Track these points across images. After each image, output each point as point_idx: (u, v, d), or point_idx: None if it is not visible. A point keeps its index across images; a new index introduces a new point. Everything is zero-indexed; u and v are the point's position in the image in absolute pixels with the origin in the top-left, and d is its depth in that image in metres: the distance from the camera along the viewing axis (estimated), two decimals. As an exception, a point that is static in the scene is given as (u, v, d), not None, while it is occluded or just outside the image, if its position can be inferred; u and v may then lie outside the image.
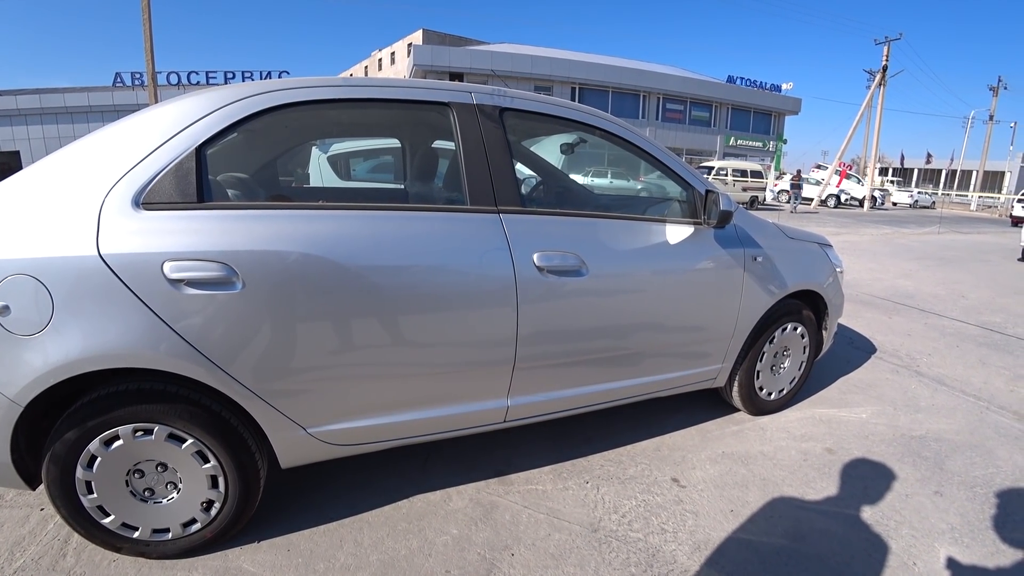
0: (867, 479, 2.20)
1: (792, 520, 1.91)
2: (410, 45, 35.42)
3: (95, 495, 1.51)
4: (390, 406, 1.72)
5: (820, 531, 1.86)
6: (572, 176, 3.37)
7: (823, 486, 2.13)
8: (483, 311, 1.72)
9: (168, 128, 1.48)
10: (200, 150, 1.46)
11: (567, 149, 3.02)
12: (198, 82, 30.27)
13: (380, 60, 47.04)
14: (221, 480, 1.57)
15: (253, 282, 1.42)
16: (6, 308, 1.30)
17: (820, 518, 1.93)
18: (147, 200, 1.39)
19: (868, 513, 1.97)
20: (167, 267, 1.35)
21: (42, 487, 1.54)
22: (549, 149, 3.06)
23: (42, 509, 1.96)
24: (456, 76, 28.19)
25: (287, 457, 1.66)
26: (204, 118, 1.50)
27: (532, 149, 2.75)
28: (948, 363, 3.66)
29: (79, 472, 1.48)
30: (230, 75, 30.62)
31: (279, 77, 30.41)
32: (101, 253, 1.32)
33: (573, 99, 31.63)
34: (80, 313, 1.33)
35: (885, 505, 2.02)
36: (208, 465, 1.54)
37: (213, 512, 1.60)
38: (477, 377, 1.81)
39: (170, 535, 1.60)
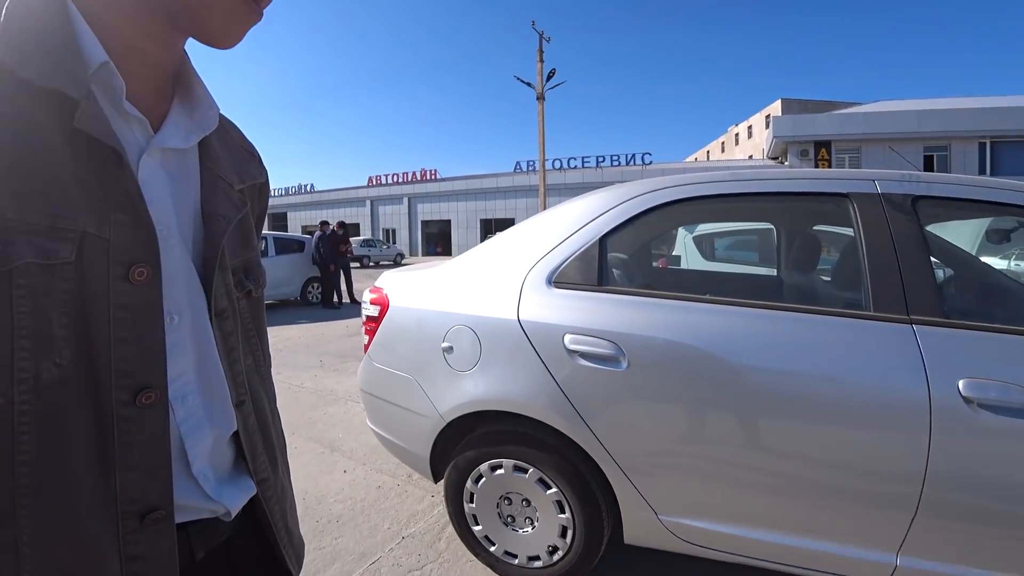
0: None
1: None
2: (768, 117, 34.18)
3: (474, 505, 1.87)
4: (747, 518, 1.58)
5: None
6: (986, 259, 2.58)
7: None
8: (877, 434, 1.44)
9: (577, 221, 1.79)
10: (602, 240, 1.71)
11: (1000, 237, 2.34)
12: (575, 166, 35.47)
13: (736, 135, 46.84)
14: (569, 532, 1.72)
15: (636, 363, 1.54)
16: (451, 348, 1.77)
17: None
18: (557, 280, 1.70)
19: None
20: (567, 338, 1.60)
21: (441, 483, 2.00)
22: (959, 231, 2.43)
23: (433, 496, 2.55)
24: (822, 144, 25.62)
25: (632, 533, 1.70)
26: (607, 212, 1.77)
27: (936, 231, 2.24)
28: None
29: (468, 483, 1.86)
30: (600, 159, 34.84)
31: (642, 159, 33.30)
32: (520, 318, 1.67)
33: (983, 156, 24.65)
34: (498, 362, 1.69)
35: None
36: (562, 516, 1.71)
37: (555, 558, 1.77)
38: (858, 513, 1.49)
39: (516, 561, 1.83)
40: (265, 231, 12.84)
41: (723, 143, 51.17)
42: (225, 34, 0.51)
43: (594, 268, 1.68)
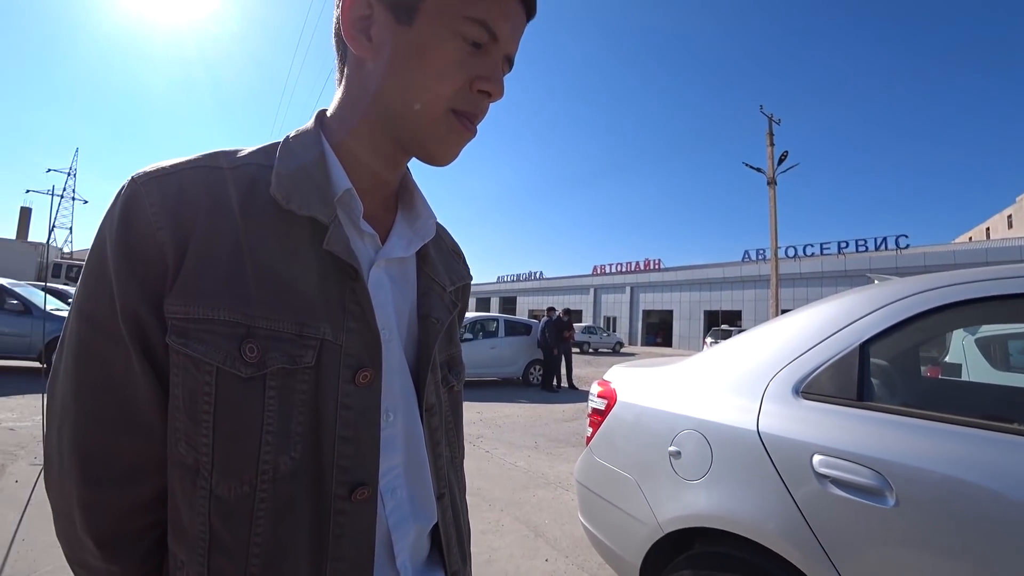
0: None
1: None
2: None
3: (690, 635, 1.62)
4: None
5: None
6: None
7: None
8: None
9: (832, 323, 1.56)
10: (863, 347, 1.46)
11: None
12: (812, 253, 31.70)
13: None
14: None
15: (908, 502, 1.23)
16: (679, 453, 1.65)
17: None
18: (806, 390, 1.49)
19: None
20: (816, 459, 1.36)
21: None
22: None
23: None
24: None
25: None
26: (870, 315, 1.51)
27: None
28: None
29: (683, 607, 1.64)
30: (843, 244, 30.58)
31: (896, 243, 28.20)
32: (760, 430, 1.49)
33: None
34: (730, 475, 1.52)
35: None
36: None
37: None
38: None
39: None
40: (496, 313, 14.20)
41: (1009, 216, 40.71)
42: (445, 154, 0.58)
43: (852, 379, 1.42)
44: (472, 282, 0.84)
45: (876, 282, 1.77)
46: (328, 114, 0.61)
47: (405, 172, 0.67)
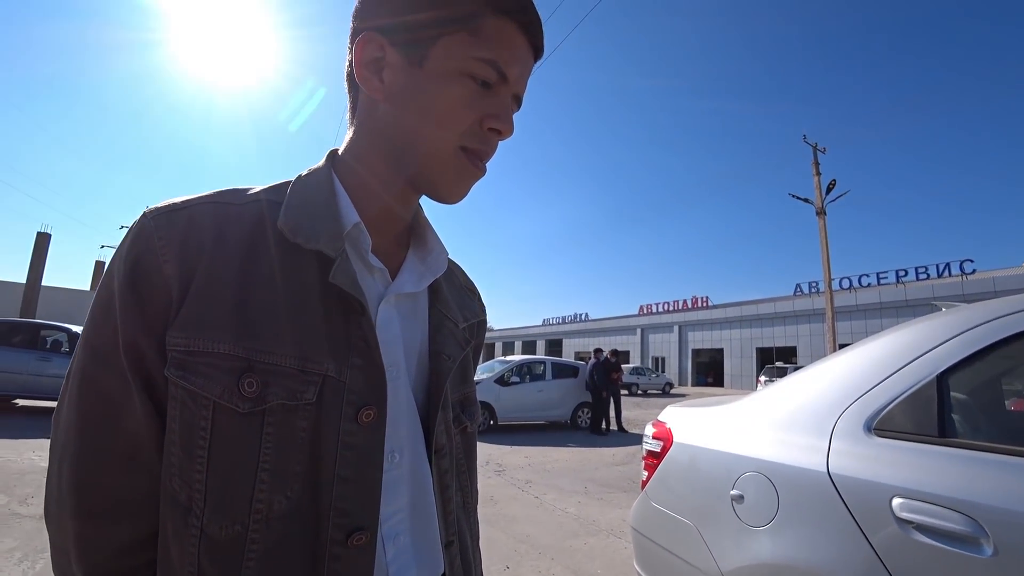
0: None
1: None
2: None
3: None
4: None
5: None
6: None
7: None
8: None
9: (904, 353, 1.46)
10: (941, 378, 1.34)
11: None
12: (869, 284, 30.18)
13: None
14: None
15: (1008, 552, 1.09)
16: (741, 497, 1.54)
17: None
18: (879, 426, 1.37)
19: None
20: (895, 503, 1.23)
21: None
22: None
23: None
24: None
25: None
26: (946, 342, 1.40)
27: None
28: None
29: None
30: (901, 272, 28.99)
31: (961, 268, 26.49)
32: (830, 471, 1.37)
33: None
34: (799, 521, 1.40)
35: None
36: None
37: None
38: None
39: None
40: (543, 356, 14.06)
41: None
42: (454, 192, 0.58)
43: (931, 413, 1.31)
44: (519, 328, 0.82)
45: (943, 309, 1.66)
46: (339, 153, 0.62)
47: (417, 208, 0.67)
